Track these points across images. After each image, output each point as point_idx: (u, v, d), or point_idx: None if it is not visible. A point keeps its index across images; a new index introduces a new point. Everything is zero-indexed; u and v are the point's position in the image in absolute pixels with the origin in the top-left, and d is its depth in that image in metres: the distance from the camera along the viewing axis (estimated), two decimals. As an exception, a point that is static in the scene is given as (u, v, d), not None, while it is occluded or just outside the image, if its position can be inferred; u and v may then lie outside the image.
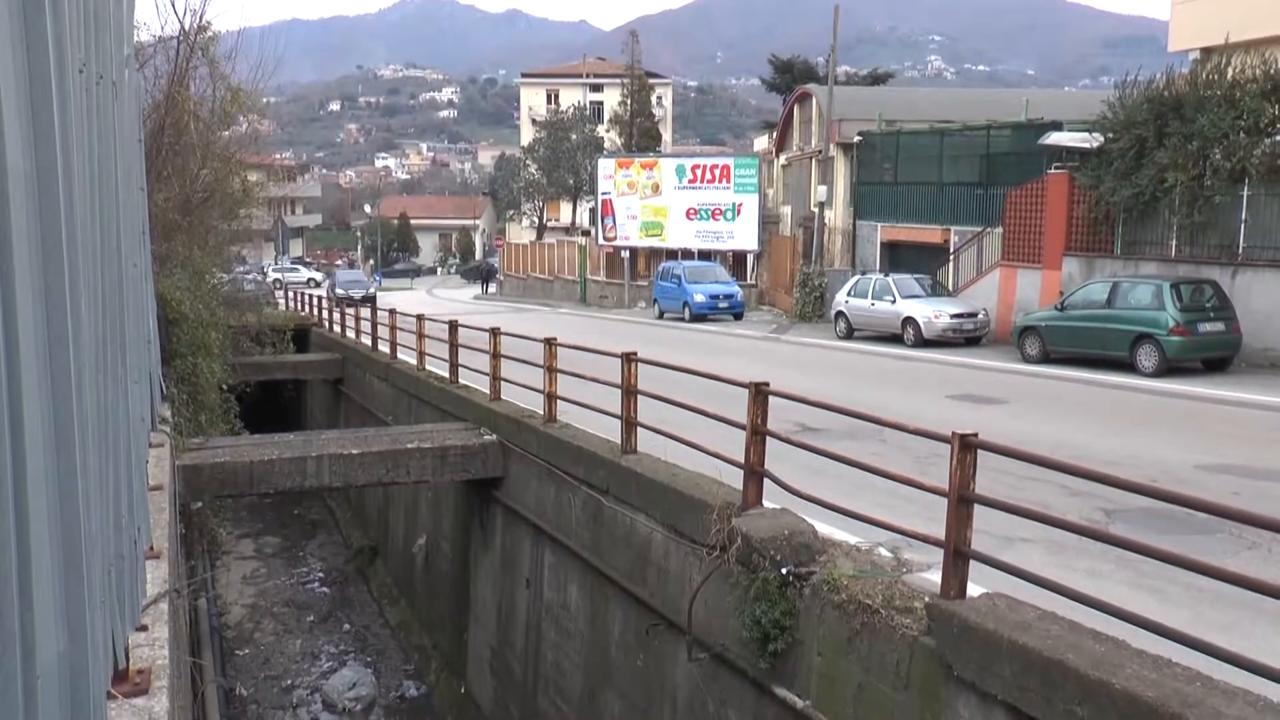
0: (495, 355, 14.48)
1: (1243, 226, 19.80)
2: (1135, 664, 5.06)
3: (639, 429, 10.21)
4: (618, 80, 72.24)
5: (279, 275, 51.80)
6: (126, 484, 5.16)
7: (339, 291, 45.53)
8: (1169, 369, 17.86)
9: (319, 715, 16.22)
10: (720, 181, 42.62)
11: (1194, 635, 4.82)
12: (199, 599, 16.86)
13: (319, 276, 64.78)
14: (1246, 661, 4.54)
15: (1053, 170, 24.03)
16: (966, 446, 5.87)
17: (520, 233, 79.44)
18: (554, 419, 12.33)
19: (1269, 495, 9.26)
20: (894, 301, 24.90)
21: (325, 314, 31.50)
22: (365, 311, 25.86)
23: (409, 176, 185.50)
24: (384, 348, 22.13)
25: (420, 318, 19.59)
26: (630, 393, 10.17)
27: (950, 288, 27.14)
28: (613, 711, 10.36)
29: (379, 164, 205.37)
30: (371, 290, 50.44)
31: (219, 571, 21.29)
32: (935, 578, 6.30)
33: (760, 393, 7.96)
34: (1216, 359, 18.47)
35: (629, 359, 10.16)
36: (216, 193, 20.30)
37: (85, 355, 3.63)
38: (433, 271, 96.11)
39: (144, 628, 5.65)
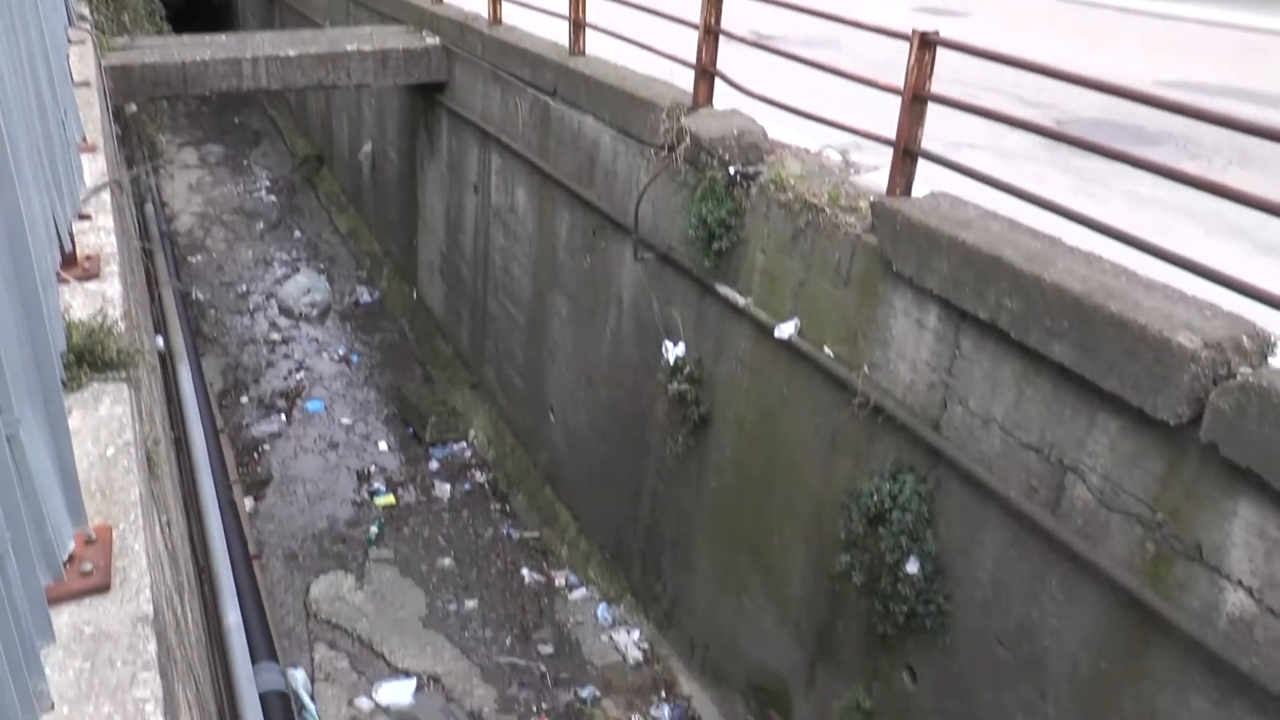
0: (435, -49, 13.58)
1: None
2: (1067, 259, 5.23)
3: (588, 30, 9.80)
4: None
5: None
6: (45, 68, 4.91)
7: None
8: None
9: (276, 320, 16.62)
10: None
11: (1123, 229, 4.96)
12: (145, 203, 16.72)
13: None
14: (1169, 254, 4.71)
15: None
16: (925, 44, 5.74)
17: None
18: (499, 21, 11.78)
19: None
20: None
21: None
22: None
23: None
24: (316, -56, 20.68)
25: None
26: (579, -10, 9.67)
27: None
28: (560, 312, 10.71)
29: None
30: None
31: (163, 180, 21.01)
32: (883, 179, 6.33)
33: (714, -13, 7.61)
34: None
35: (578, -48, 9.57)
36: None
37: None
38: None
39: (87, 217, 5.59)
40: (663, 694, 9.21)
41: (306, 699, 8.92)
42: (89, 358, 3.75)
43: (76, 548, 2.86)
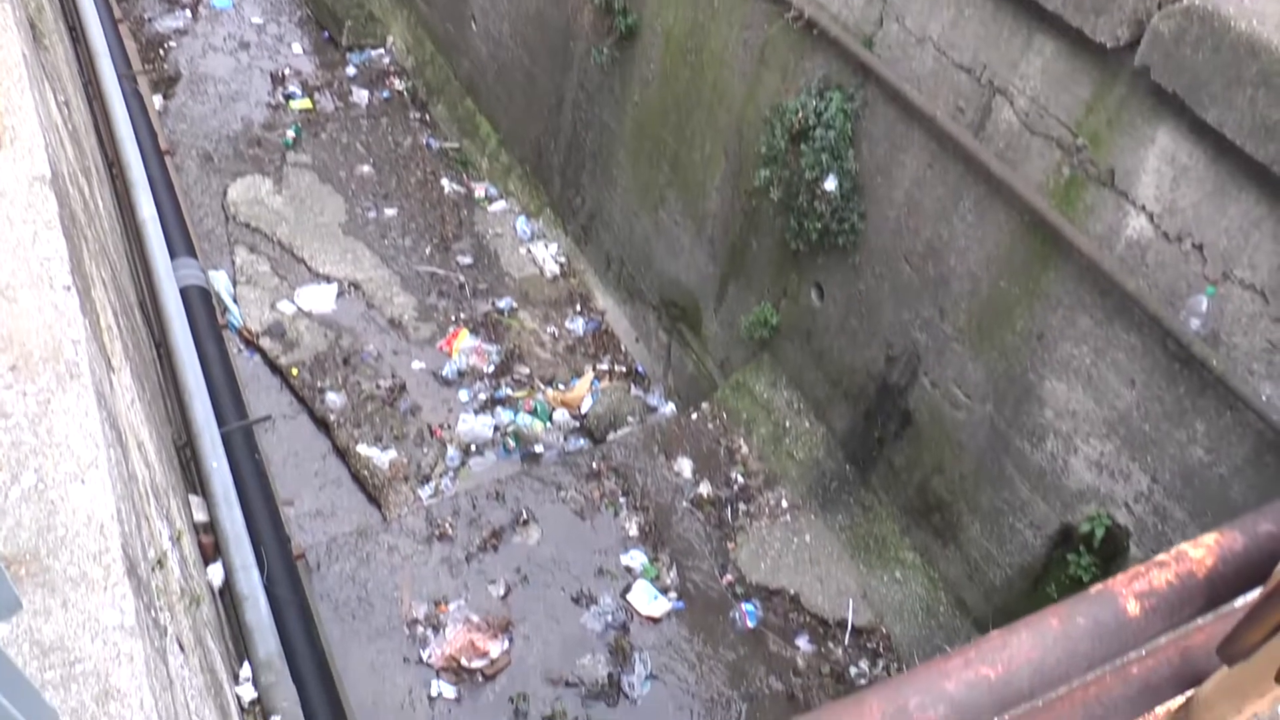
0: None
1: None
2: None
3: None
4: None
5: None
6: None
7: None
8: None
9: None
10: None
11: None
12: None
13: None
14: None
15: None
16: None
17: None
18: None
19: None
20: None
21: None
22: None
23: None
24: None
25: None
26: None
27: None
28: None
29: None
30: None
31: None
32: None
33: None
34: None
35: None
36: None
37: None
38: None
39: None
40: (578, 307, 9.48)
41: (229, 300, 9.01)
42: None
43: (-40, 101, 2.70)
